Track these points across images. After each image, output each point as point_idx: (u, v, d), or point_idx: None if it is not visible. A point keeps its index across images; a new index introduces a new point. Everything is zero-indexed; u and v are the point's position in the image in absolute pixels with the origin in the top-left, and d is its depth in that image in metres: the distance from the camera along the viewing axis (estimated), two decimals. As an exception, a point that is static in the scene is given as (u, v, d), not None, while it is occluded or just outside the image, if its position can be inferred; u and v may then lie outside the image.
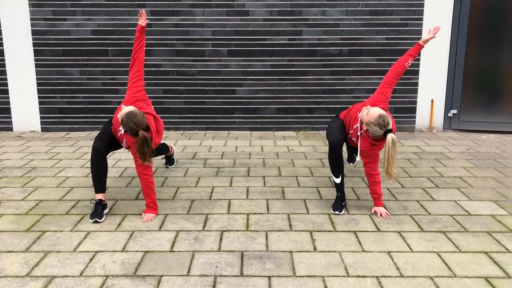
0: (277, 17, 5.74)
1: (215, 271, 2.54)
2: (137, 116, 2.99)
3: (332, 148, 3.33)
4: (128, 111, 3.00)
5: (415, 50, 3.39)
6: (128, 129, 3.02)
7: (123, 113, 3.00)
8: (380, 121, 2.98)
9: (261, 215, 3.30)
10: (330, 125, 3.46)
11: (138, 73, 3.38)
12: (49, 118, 5.94)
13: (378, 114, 3.00)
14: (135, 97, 3.28)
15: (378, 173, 3.27)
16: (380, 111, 3.02)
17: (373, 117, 3.00)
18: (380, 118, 2.98)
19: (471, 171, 4.30)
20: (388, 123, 3.00)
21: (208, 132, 5.97)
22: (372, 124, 3.01)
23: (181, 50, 5.80)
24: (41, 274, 2.51)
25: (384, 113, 3.01)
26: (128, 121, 2.97)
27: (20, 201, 3.54)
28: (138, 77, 3.36)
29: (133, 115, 2.98)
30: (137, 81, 3.35)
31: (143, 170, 3.20)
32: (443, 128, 5.99)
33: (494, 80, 5.82)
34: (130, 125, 2.98)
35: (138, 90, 3.33)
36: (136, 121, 2.98)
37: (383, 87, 3.29)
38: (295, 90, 5.91)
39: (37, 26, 5.71)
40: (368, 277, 2.48)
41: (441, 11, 5.69)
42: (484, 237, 2.96)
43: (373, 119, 3.00)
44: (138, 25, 3.51)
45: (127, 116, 2.98)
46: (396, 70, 3.32)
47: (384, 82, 3.32)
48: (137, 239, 2.92)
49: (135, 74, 3.36)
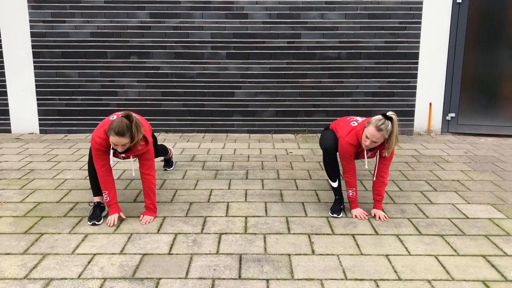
0: (276, 20, 5.75)
1: (213, 274, 2.54)
2: (113, 123, 2.95)
3: (327, 154, 3.36)
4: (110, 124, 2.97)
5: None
6: (114, 131, 2.92)
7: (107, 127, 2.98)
8: (379, 123, 2.99)
9: (259, 218, 3.30)
10: (322, 135, 3.50)
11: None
12: (47, 120, 5.94)
13: (373, 122, 3.02)
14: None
15: (388, 174, 3.29)
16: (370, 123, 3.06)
17: (372, 127, 3.02)
18: (379, 121, 3.00)
19: (469, 174, 4.31)
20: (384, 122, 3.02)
21: (206, 134, 5.97)
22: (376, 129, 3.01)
23: (180, 52, 5.81)
24: (39, 277, 2.51)
25: (375, 119, 3.04)
26: (113, 127, 2.93)
27: (18, 203, 3.54)
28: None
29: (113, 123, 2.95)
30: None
31: (146, 170, 3.20)
32: (441, 132, 6.00)
33: (492, 84, 5.84)
34: (114, 127, 2.92)
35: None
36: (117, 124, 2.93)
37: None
38: (293, 93, 5.92)
39: (36, 28, 5.71)
40: (366, 280, 2.48)
41: (439, 14, 5.71)
42: (482, 240, 2.97)
43: (374, 126, 3.00)
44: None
45: (109, 126, 2.96)
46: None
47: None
48: (135, 242, 2.92)
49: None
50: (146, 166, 3.20)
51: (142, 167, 3.22)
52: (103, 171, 3.14)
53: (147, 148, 3.16)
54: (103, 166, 3.14)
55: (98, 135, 3.06)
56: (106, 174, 3.15)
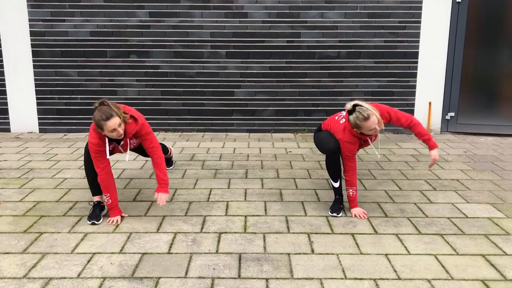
0: (276, 19, 5.75)
1: (212, 273, 2.54)
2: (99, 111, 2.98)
3: (330, 155, 3.32)
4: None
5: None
6: (100, 118, 2.94)
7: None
8: (362, 114, 3.06)
9: (259, 217, 3.30)
10: (319, 137, 3.44)
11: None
12: (47, 119, 5.93)
13: (358, 117, 3.09)
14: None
15: (408, 116, 3.34)
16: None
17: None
18: (359, 114, 3.07)
19: (469, 173, 4.31)
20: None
21: (206, 133, 5.97)
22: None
23: (179, 51, 5.81)
24: (38, 276, 2.51)
25: (353, 117, 3.10)
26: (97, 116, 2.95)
27: (18, 203, 3.54)
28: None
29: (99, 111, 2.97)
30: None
31: (149, 145, 3.22)
32: (440, 131, 6.01)
33: (492, 83, 5.84)
34: (99, 116, 2.94)
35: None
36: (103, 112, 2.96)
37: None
38: (293, 92, 5.92)
39: (35, 27, 5.70)
40: (366, 280, 2.48)
41: (439, 14, 5.71)
42: (481, 239, 2.97)
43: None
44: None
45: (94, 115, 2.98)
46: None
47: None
48: (134, 241, 2.92)
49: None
50: (148, 141, 3.21)
51: (145, 144, 3.22)
52: (104, 173, 3.15)
53: (139, 125, 3.15)
54: (104, 168, 3.15)
55: (92, 137, 3.09)
56: (107, 176, 3.16)
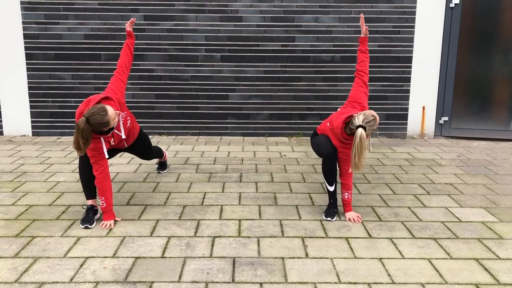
0: (270, 23, 5.76)
1: (206, 278, 2.53)
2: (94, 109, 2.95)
3: (328, 159, 3.31)
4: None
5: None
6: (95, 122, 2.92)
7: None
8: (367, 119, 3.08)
9: (253, 221, 3.29)
10: (316, 141, 3.44)
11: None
12: (40, 122, 5.90)
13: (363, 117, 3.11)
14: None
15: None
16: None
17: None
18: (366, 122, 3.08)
19: (462, 178, 4.33)
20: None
21: (200, 137, 5.96)
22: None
23: (174, 55, 5.80)
24: (30, 281, 2.48)
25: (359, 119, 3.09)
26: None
27: (10, 206, 3.51)
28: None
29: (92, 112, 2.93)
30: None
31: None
32: (434, 135, 6.03)
33: (485, 88, 5.88)
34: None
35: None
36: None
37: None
38: (287, 96, 5.93)
39: (29, 29, 5.68)
40: (360, 284, 2.48)
41: (432, 19, 5.74)
42: (474, 244, 2.98)
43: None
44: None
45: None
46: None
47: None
48: (128, 245, 2.90)
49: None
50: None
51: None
52: (102, 176, 3.14)
53: (114, 100, 3.16)
54: (102, 172, 3.14)
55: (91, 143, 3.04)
56: (104, 179, 3.15)
